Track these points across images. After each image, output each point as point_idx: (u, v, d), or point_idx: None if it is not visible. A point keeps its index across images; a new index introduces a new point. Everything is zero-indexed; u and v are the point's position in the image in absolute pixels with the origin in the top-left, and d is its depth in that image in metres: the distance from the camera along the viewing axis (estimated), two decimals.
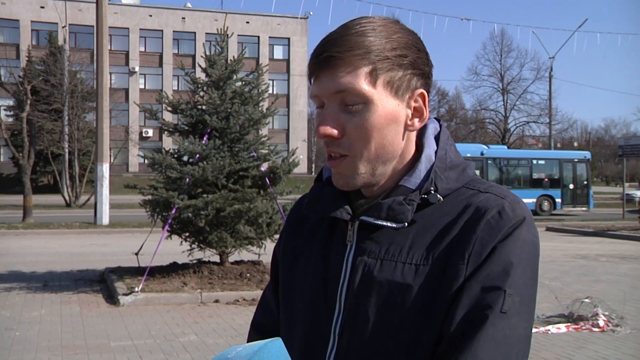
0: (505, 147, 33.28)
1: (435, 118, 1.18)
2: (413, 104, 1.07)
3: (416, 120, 1.08)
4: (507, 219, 1.01)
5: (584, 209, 26.96)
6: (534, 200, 26.03)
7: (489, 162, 25.89)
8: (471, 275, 0.99)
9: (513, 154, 27.71)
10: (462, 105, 64.93)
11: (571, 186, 26.79)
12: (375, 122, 1.03)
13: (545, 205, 26.35)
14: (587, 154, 27.78)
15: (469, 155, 24.81)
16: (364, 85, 1.02)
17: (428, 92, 1.09)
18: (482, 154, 25.89)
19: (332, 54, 1.03)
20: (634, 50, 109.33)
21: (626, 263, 12.65)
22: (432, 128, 1.15)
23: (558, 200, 26.49)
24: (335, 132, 1.04)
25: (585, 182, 27.05)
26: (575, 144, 72.85)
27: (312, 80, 1.08)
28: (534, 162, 26.75)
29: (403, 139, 1.08)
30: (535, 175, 26.65)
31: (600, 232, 18.98)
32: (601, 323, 6.92)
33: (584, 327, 6.90)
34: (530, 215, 1.04)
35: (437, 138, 1.13)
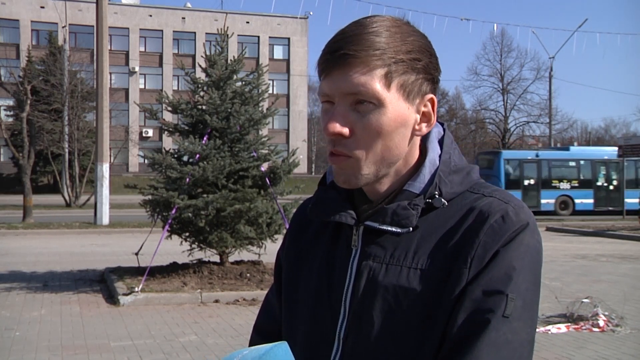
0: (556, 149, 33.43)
1: (438, 122, 1.17)
2: (422, 108, 1.07)
3: (424, 125, 1.08)
4: (510, 223, 1.01)
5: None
6: (592, 200, 26.21)
7: (543, 162, 26.35)
8: (473, 279, 0.99)
9: (567, 155, 27.69)
10: (462, 105, 64.89)
11: None
12: (385, 125, 1.03)
13: None
14: None
15: (529, 157, 26.08)
16: (378, 87, 1.01)
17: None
18: (537, 155, 26.75)
19: (348, 52, 1.01)
20: (634, 50, 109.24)
21: (626, 263, 12.64)
22: (436, 132, 1.15)
23: None
24: (345, 130, 1.02)
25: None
26: (576, 144, 72.79)
27: (321, 77, 1.06)
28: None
29: (409, 143, 1.07)
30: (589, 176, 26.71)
31: (600, 232, 18.97)
32: (601, 323, 6.92)
33: (584, 327, 6.90)
34: (533, 220, 1.04)
35: (440, 142, 1.13)
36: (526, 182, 26.03)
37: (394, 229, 1.05)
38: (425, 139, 1.13)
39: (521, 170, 26.09)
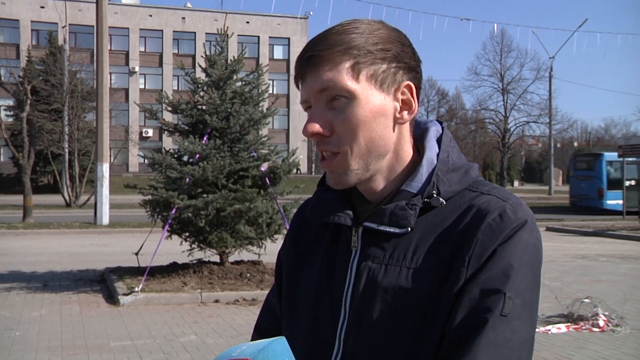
0: None
1: (437, 120, 1.18)
2: (400, 96, 1.07)
3: (405, 112, 1.08)
4: (508, 221, 1.01)
5: None
6: None
7: (627, 164, 26.62)
8: (471, 278, 0.99)
9: None
10: (462, 105, 64.81)
11: None
12: (361, 116, 1.03)
13: None
14: None
15: (629, 159, 25.90)
16: (346, 80, 1.03)
17: (417, 86, 1.09)
18: (638, 157, 27.05)
19: (313, 53, 1.04)
20: (634, 50, 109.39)
21: (626, 263, 12.64)
22: (434, 131, 1.15)
23: None
24: (321, 129, 1.04)
25: None
26: (576, 144, 72.78)
27: (299, 85, 1.08)
28: None
29: (394, 132, 1.07)
30: None
31: (600, 232, 18.95)
32: (601, 323, 6.92)
33: (584, 327, 6.90)
34: (532, 218, 1.04)
35: (439, 141, 1.13)
36: (627, 183, 26.04)
37: (392, 230, 1.05)
38: (422, 138, 1.13)
39: (622, 171, 26.11)
